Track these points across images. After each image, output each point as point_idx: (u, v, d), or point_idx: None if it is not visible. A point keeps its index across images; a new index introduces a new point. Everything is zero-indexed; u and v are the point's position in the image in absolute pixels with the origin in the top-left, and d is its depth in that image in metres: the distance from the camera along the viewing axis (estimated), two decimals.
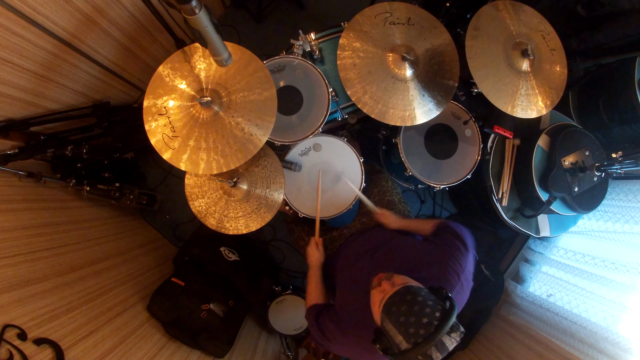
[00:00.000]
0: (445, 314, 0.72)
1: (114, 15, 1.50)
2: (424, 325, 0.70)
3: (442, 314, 0.72)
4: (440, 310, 0.72)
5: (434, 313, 0.71)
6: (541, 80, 1.37)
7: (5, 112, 1.40)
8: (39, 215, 1.48)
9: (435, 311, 0.72)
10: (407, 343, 0.71)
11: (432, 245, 1.10)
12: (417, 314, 0.72)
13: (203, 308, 1.63)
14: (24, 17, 1.19)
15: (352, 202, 1.49)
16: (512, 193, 1.71)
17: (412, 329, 0.71)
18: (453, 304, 0.74)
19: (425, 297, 0.75)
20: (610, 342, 1.46)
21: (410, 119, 1.32)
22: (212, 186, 1.35)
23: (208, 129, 1.14)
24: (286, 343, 2.20)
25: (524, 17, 1.39)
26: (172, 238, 2.27)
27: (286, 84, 1.43)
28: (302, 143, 1.47)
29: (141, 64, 1.88)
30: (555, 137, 1.59)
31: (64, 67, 1.48)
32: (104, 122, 1.78)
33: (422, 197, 2.35)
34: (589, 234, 1.84)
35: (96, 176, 1.87)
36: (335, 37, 1.52)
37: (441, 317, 0.71)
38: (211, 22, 0.83)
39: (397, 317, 0.73)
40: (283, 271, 2.33)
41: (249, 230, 1.34)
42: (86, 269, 1.48)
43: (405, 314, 0.73)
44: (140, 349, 1.37)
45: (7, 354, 0.95)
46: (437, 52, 1.36)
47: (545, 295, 1.91)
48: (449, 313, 0.72)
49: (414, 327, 0.71)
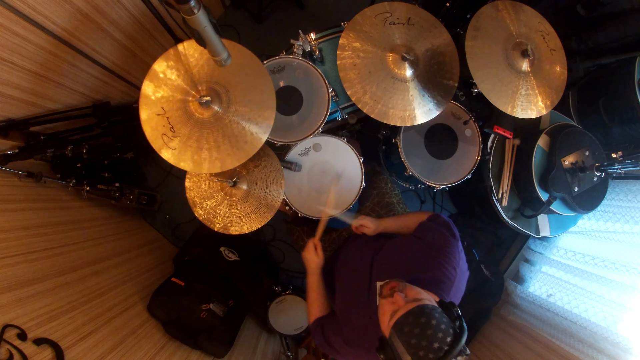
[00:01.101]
0: (456, 339, 0.71)
1: (114, 15, 1.50)
2: (435, 350, 0.70)
3: (453, 339, 0.71)
4: (452, 335, 0.72)
5: (445, 338, 0.71)
6: (541, 80, 1.37)
7: (5, 112, 1.40)
8: (39, 215, 1.48)
9: (447, 336, 0.71)
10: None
11: (425, 243, 1.09)
12: (429, 338, 0.71)
13: (203, 308, 1.63)
14: (23, 17, 1.19)
15: (352, 203, 1.49)
16: (512, 193, 1.71)
17: (422, 352, 0.70)
18: (463, 327, 0.74)
19: (438, 320, 0.74)
20: (610, 342, 1.46)
21: (410, 119, 1.32)
22: (211, 185, 1.35)
23: (208, 128, 1.14)
24: (286, 343, 2.20)
25: (524, 17, 1.39)
26: (172, 238, 2.27)
27: (286, 84, 1.43)
28: (302, 143, 1.47)
29: (141, 64, 1.88)
30: (555, 137, 1.59)
31: (64, 67, 1.48)
32: (104, 122, 1.78)
33: (422, 197, 2.35)
34: (589, 234, 1.84)
35: (96, 176, 1.87)
36: (335, 37, 1.52)
37: (452, 342, 0.71)
38: (210, 22, 0.83)
39: (409, 338, 0.73)
40: (283, 271, 2.33)
41: (249, 230, 1.34)
42: (86, 269, 1.48)
43: (417, 337, 0.72)
44: (140, 349, 1.37)
45: (7, 354, 0.95)
46: (437, 52, 1.36)
47: (545, 295, 1.92)
48: (459, 337, 0.71)
49: (424, 350, 0.70)
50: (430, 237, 1.09)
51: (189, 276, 1.73)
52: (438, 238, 1.07)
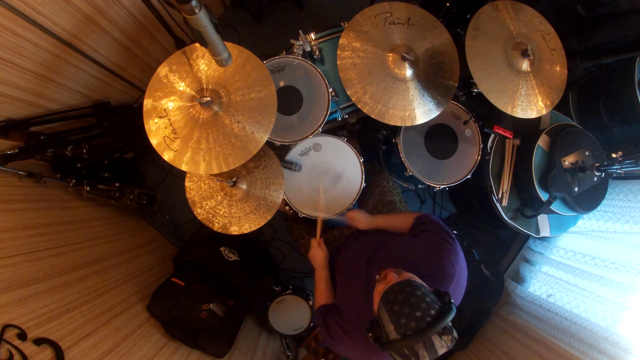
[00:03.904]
0: (441, 313, 0.71)
1: (114, 15, 1.50)
2: (417, 318, 0.70)
3: (437, 312, 0.71)
4: (437, 309, 0.72)
5: (429, 309, 0.71)
6: (541, 80, 1.37)
7: (5, 112, 1.40)
8: (39, 215, 1.48)
9: (431, 308, 0.71)
10: (396, 333, 0.71)
11: (423, 241, 1.10)
12: (412, 305, 0.71)
13: (203, 308, 1.63)
14: (24, 17, 1.19)
15: (352, 203, 1.49)
16: (512, 193, 1.71)
17: (404, 320, 0.70)
18: (451, 308, 0.73)
19: (424, 293, 0.75)
20: (610, 342, 1.46)
21: (410, 119, 1.32)
22: (211, 185, 1.35)
23: (208, 129, 1.14)
24: (286, 343, 2.20)
25: (524, 17, 1.39)
26: (172, 238, 2.27)
27: (286, 84, 1.43)
28: (302, 143, 1.47)
29: (141, 64, 1.88)
30: (555, 137, 1.59)
31: (64, 67, 1.48)
32: (104, 122, 1.78)
33: (422, 197, 2.35)
34: (589, 234, 1.84)
35: (96, 176, 1.87)
36: (335, 37, 1.52)
37: (435, 315, 0.71)
38: (211, 22, 0.83)
39: (393, 305, 0.73)
40: (283, 271, 2.33)
41: (249, 230, 1.34)
42: (86, 269, 1.48)
43: (400, 304, 0.73)
44: (140, 349, 1.37)
45: (7, 354, 0.95)
46: (437, 52, 1.36)
47: (545, 295, 1.92)
48: (445, 313, 0.71)
49: (406, 318, 0.70)
50: (428, 238, 1.10)
51: (189, 276, 1.73)
52: (435, 238, 1.08)
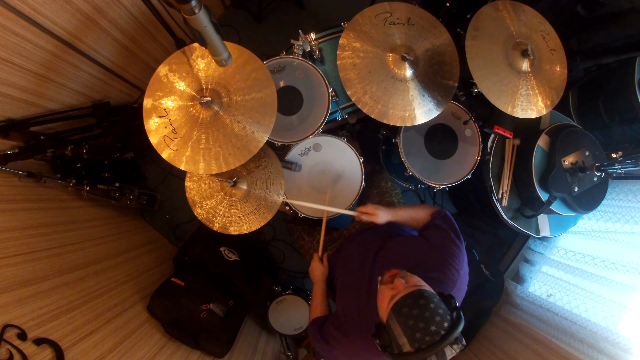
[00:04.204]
0: (453, 326, 0.72)
1: (114, 15, 1.50)
2: (431, 333, 0.71)
3: (450, 325, 0.72)
4: (449, 321, 0.73)
5: (442, 323, 0.72)
6: (541, 80, 1.37)
7: (5, 112, 1.40)
8: (39, 215, 1.48)
9: (445, 321, 0.72)
10: (410, 346, 0.72)
11: (429, 242, 1.09)
12: (426, 320, 0.72)
13: (203, 308, 1.63)
14: (24, 17, 1.19)
15: (352, 203, 1.49)
16: (512, 193, 1.71)
17: (419, 334, 0.71)
18: (460, 316, 0.75)
19: (437, 304, 0.75)
20: (610, 342, 1.46)
21: (410, 119, 1.32)
22: (211, 185, 1.35)
23: (208, 128, 1.14)
24: (286, 343, 2.20)
25: (524, 17, 1.39)
26: (172, 238, 2.27)
27: (286, 84, 1.43)
28: (302, 143, 1.47)
29: (141, 64, 1.88)
30: (555, 137, 1.59)
31: (64, 67, 1.48)
32: (104, 122, 1.78)
33: (422, 197, 2.35)
34: (589, 234, 1.84)
35: (96, 176, 1.87)
36: (335, 37, 1.52)
37: (449, 328, 0.72)
38: (211, 22, 0.83)
39: (407, 319, 0.74)
40: (283, 271, 2.33)
41: (249, 230, 1.34)
42: (86, 269, 1.48)
43: (415, 318, 0.73)
44: (140, 349, 1.37)
45: (7, 354, 0.95)
46: (437, 52, 1.36)
47: (545, 295, 1.91)
48: (456, 325, 0.73)
49: (421, 332, 0.71)
50: (437, 238, 1.09)
51: (189, 276, 1.73)
52: (444, 240, 1.07)
